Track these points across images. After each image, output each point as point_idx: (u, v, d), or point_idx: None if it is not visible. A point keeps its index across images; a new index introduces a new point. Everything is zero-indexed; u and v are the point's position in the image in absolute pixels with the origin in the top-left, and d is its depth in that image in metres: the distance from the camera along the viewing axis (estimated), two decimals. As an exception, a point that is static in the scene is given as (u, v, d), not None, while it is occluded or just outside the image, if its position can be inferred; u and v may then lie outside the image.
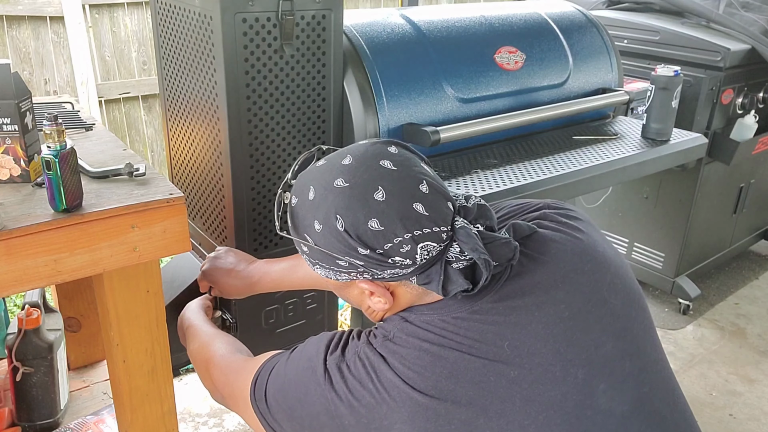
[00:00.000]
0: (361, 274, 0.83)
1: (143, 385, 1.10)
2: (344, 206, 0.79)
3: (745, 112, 2.56)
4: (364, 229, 0.78)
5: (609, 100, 1.90)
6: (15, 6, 3.02)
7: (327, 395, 0.81)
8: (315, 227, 0.81)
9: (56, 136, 0.89)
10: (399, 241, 0.78)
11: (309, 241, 0.83)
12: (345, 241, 0.79)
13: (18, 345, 1.35)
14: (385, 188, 0.79)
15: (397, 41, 1.54)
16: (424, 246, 0.78)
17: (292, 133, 1.32)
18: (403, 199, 0.78)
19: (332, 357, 0.84)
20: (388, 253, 0.78)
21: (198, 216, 1.48)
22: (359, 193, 0.79)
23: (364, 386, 0.79)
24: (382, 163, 0.81)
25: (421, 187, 0.80)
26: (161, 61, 1.46)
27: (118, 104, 3.45)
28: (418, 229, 0.78)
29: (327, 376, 0.82)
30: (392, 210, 0.78)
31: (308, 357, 0.86)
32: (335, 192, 0.80)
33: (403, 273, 0.81)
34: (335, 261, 0.82)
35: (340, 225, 0.79)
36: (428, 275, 0.81)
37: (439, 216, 0.79)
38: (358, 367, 0.81)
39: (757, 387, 2.38)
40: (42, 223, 0.88)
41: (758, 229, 3.15)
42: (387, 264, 0.79)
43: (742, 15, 2.52)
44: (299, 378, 0.86)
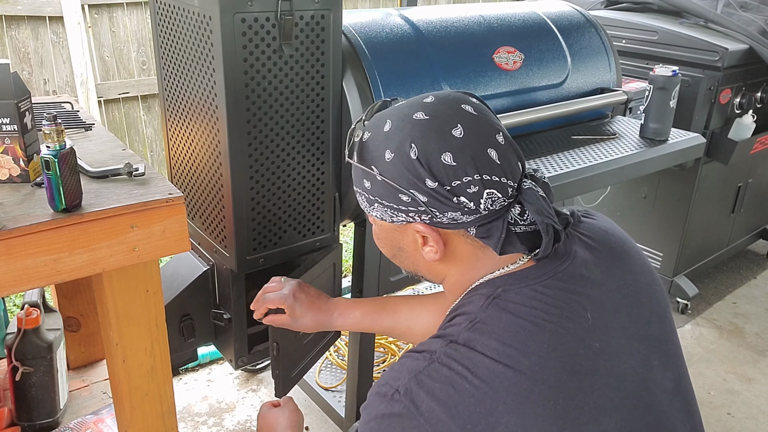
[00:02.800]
0: (420, 215, 0.81)
1: (143, 384, 1.10)
2: (420, 135, 0.79)
3: (743, 112, 2.57)
4: (437, 160, 0.77)
5: (607, 100, 1.90)
6: (14, 6, 3.02)
7: (418, 420, 0.72)
8: (386, 156, 0.80)
9: (55, 136, 0.89)
10: (468, 181, 0.77)
11: (374, 171, 0.82)
12: (415, 170, 0.78)
13: (17, 345, 1.35)
14: (464, 126, 0.79)
15: (396, 41, 1.55)
16: (490, 193, 0.78)
17: (291, 133, 1.32)
18: (479, 141, 0.79)
19: (401, 382, 0.75)
20: (455, 191, 0.77)
21: (197, 216, 1.48)
22: (438, 126, 0.79)
23: (457, 388, 0.72)
24: (464, 106, 0.82)
25: (498, 137, 0.81)
26: (160, 61, 1.46)
27: (118, 104, 3.45)
28: (489, 174, 0.78)
29: (407, 401, 0.73)
30: (468, 148, 0.78)
31: (375, 410, 0.77)
32: (414, 122, 0.80)
33: (463, 220, 0.80)
34: (397, 195, 0.80)
35: (414, 153, 0.78)
36: (489, 229, 0.80)
37: (509, 169, 0.79)
38: (443, 372, 0.73)
39: (755, 386, 2.38)
40: (41, 223, 0.88)
41: (756, 228, 3.16)
42: (451, 204, 0.78)
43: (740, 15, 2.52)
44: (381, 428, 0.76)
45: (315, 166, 1.38)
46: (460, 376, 0.72)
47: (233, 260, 1.33)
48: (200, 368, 2.35)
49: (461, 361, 0.73)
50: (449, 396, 0.72)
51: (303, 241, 1.42)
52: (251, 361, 1.48)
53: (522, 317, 0.76)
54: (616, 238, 0.90)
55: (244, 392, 2.24)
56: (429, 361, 0.75)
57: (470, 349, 0.74)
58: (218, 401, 2.19)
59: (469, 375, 0.72)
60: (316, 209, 1.42)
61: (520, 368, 0.72)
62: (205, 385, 2.27)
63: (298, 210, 1.39)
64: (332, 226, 1.46)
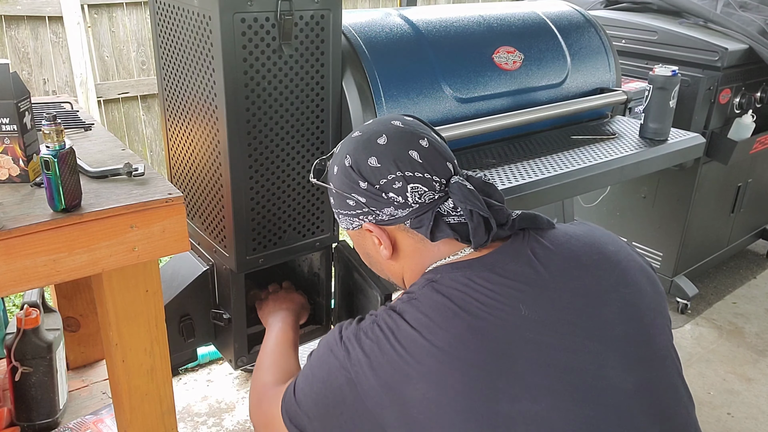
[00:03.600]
0: (366, 216, 0.96)
1: (142, 384, 1.10)
2: (353, 149, 0.97)
3: (743, 112, 2.57)
4: (365, 164, 0.94)
5: (607, 100, 1.90)
6: (14, 6, 3.02)
7: (346, 365, 0.85)
8: (334, 172, 1.00)
9: (55, 136, 0.89)
10: (392, 178, 0.92)
11: (331, 186, 1.01)
12: (350, 176, 0.95)
13: (17, 345, 1.35)
14: (388, 136, 0.95)
15: (396, 41, 1.55)
16: (414, 187, 0.91)
17: (290, 132, 1.32)
18: (400, 145, 0.94)
19: (347, 331, 0.90)
20: (383, 188, 0.93)
21: (197, 216, 1.48)
22: (366, 139, 0.96)
23: (381, 348, 0.83)
24: (393, 122, 0.98)
25: (421, 142, 0.95)
26: (160, 61, 1.46)
27: (117, 104, 3.45)
28: (410, 171, 0.92)
29: (344, 347, 0.87)
30: (389, 152, 0.93)
31: (326, 342, 0.93)
32: (352, 140, 0.99)
33: (398, 215, 0.93)
34: (346, 201, 0.97)
35: (347, 162, 0.96)
36: (420, 220, 0.92)
37: (431, 167, 0.92)
38: (375, 332, 0.86)
39: (754, 386, 2.38)
40: (41, 223, 0.88)
41: (756, 228, 3.16)
42: (383, 200, 0.93)
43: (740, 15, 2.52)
44: (320, 362, 0.91)
45: (315, 166, 1.38)
46: (386, 338, 0.84)
47: (233, 260, 1.33)
48: (200, 368, 2.35)
49: (390, 326, 0.85)
50: (374, 353, 0.84)
51: (303, 241, 1.42)
52: (251, 361, 1.47)
53: (450, 300, 0.84)
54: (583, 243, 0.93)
55: (243, 392, 2.24)
56: (371, 321, 0.88)
57: (401, 318, 0.85)
58: (218, 401, 2.19)
59: (392, 339, 0.83)
60: (315, 209, 1.42)
61: (438, 343, 0.80)
62: (205, 385, 2.27)
63: (297, 210, 1.39)
64: (332, 226, 1.46)
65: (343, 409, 0.85)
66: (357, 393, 0.83)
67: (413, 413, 0.79)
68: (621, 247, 0.96)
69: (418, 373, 0.79)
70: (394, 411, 0.80)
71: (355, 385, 0.84)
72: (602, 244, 0.94)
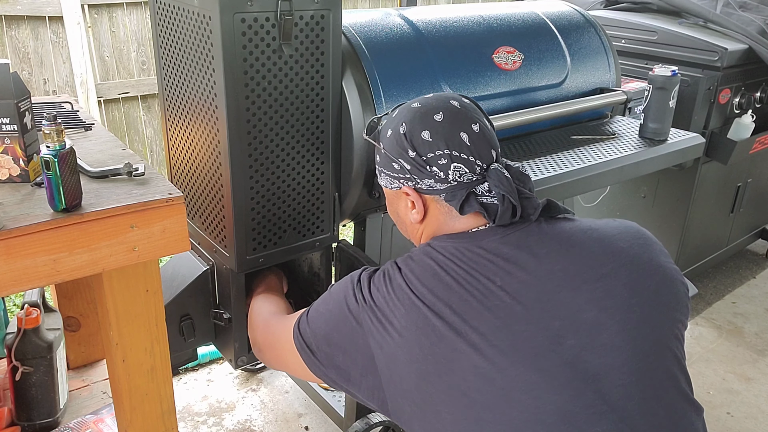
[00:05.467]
0: (407, 181, 1.04)
1: (143, 384, 1.10)
2: (410, 118, 1.04)
3: (743, 112, 2.57)
4: (418, 135, 1.01)
5: (607, 100, 1.91)
6: (14, 6, 3.02)
7: (356, 297, 1.00)
8: (387, 134, 1.07)
9: (55, 135, 0.89)
10: (439, 154, 1.00)
11: (380, 146, 1.09)
12: (402, 143, 1.03)
13: (17, 344, 1.35)
14: (444, 114, 1.02)
15: (396, 41, 1.55)
16: (457, 167, 0.99)
17: (290, 132, 1.32)
18: (454, 126, 1.01)
19: (366, 272, 1.04)
20: (429, 161, 1.00)
21: (197, 215, 1.48)
22: (424, 112, 1.03)
23: (379, 290, 0.98)
24: (451, 101, 1.04)
25: (473, 126, 1.01)
26: (160, 61, 1.46)
27: (117, 104, 3.45)
28: (456, 151, 0.99)
29: (359, 284, 1.02)
30: (442, 129, 1.00)
31: (343, 281, 1.06)
32: (410, 109, 1.06)
33: (436, 187, 1.01)
34: (392, 164, 1.05)
35: (402, 129, 1.04)
36: (454, 194, 1.00)
37: (476, 151, 1.00)
38: (380, 278, 1.00)
39: (754, 385, 2.38)
40: (41, 223, 0.88)
41: (755, 228, 3.16)
42: (426, 171, 1.01)
43: (740, 15, 2.52)
44: (336, 294, 1.04)
45: (315, 166, 1.38)
46: (384, 284, 0.99)
47: (233, 260, 1.34)
48: (200, 368, 2.35)
49: (388, 275, 1.00)
50: (374, 295, 0.98)
51: (303, 241, 1.42)
52: (251, 361, 1.48)
53: (435, 262, 0.96)
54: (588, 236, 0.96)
55: (243, 392, 2.25)
56: (381, 271, 1.02)
57: (398, 270, 0.99)
58: (218, 401, 2.19)
59: (389, 284, 0.98)
60: (315, 209, 1.42)
61: (418, 294, 0.93)
62: (205, 384, 2.27)
63: (297, 210, 1.39)
64: (332, 225, 1.46)
65: (345, 332, 0.99)
66: (359, 328, 0.97)
67: (390, 345, 0.93)
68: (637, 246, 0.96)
69: (399, 310, 0.94)
70: (379, 338, 0.95)
71: (357, 319, 0.98)
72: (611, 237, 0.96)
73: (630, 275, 0.92)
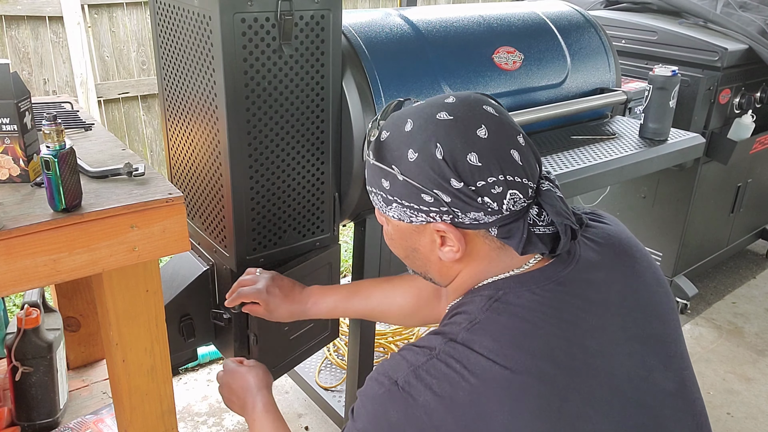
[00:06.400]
0: (442, 215, 0.81)
1: (142, 384, 1.10)
2: (445, 135, 0.79)
3: (743, 112, 2.57)
4: (463, 160, 0.78)
5: (607, 100, 1.90)
6: (14, 6, 3.02)
7: (415, 412, 0.75)
8: (408, 156, 0.80)
9: (55, 135, 0.89)
10: (493, 181, 0.78)
11: (395, 171, 0.81)
12: (440, 170, 0.78)
13: (17, 344, 1.35)
14: (488, 127, 0.80)
15: (396, 41, 1.55)
16: (513, 194, 0.79)
17: (290, 132, 1.32)
18: (503, 142, 0.79)
19: (402, 374, 0.77)
20: (480, 191, 0.78)
21: (197, 216, 1.48)
22: (463, 126, 0.79)
23: (454, 385, 0.74)
24: (485, 107, 0.82)
25: (518, 138, 0.82)
26: (160, 61, 1.46)
27: (117, 104, 3.45)
28: (512, 175, 0.78)
29: (405, 393, 0.76)
30: (492, 149, 0.78)
31: (372, 395, 0.80)
32: (437, 123, 0.80)
33: (485, 220, 0.80)
34: (419, 195, 0.80)
35: (439, 153, 0.78)
36: (510, 230, 0.80)
37: (530, 171, 0.80)
38: (440, 369, 0.76)
39: (754, 386, 2.38)
40: (41, 223, 0.88)
41: (755, 228, 3.16)
42: (475, 204, 0.78)
43: (740, 15, 2.52)
44: (376, 415, 0.79)
45: (315, 166, 1.38)
46: (457, 373, 0.74)
47: (233, 260, 1.33)
48: (200, 368, 2.35)
49: (459, 359, 0.75)
50: (446, 391, 0.74)
51: (303, 241, 1.42)
52: (251, 361, 1.47)
53: (520, 319, 0.78)
54: (621, 241, 0.91)
55: (243, 392, 2.24)
56: (428, 357, 0.77)
57: (468, 349, 0.76)
58: (218, 401, 2.19)
59: (466, 373, 0.74)
60: (315, 209, 1.42)
61: (515, 368, 0.74)
62: (205, 384, 2.27)
63: (297, 210, 1.39)
64: (332, 226, 1.46)
65: None
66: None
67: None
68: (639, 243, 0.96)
69: (499, 402, 0.73)
70: None
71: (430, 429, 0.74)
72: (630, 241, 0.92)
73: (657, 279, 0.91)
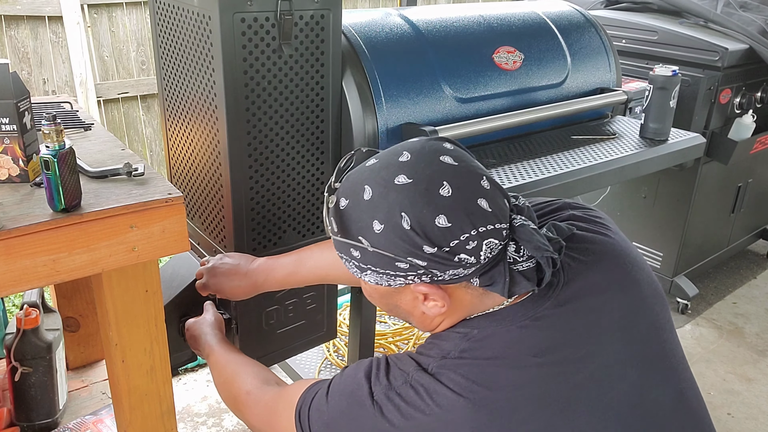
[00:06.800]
0: (420, 277, 0.79)
1: (142, 384, 1.10)
2: (409, 203, 0.76)
3: (743, 112, 2.57)
4: (431, 225, 0.75)
5: (607, 100, 1.90)
6: (13, 6, 3.01)
7: (380, 426, 0.79)
8: (374, 228, 0.77)
9: (55, 135, 0.89)
10: (466, 238, 0.75)
11: (363, 244, 0.78)
12: (410, 239, 0.76)
13: (17, 345, 1.35)
14: (450, 183, 0.76)
15: (396, 41, 1.54)
16: (488, 243, 0.76)
17: (290, 132, 1.32)
18: (468, 194, 0.77)
19: (379, 387, 0.81)
20: (455, 250, 0.76)
21: (197, 216, 1.48)
22: (424, 189, 0.76)
23: (420, 410, 0.77)
24: (442, 158, 0.78)
25: (483, 183, 0.78)
26: (160, 61, 1.46)
27: (117, 104, 3.45)
28: (484, 225, 0.76)
29: (377, 406, 0.80)
30: (459, 206, 0.76)
31: (350, 391, 0.84)
32: (397, 189, 0.77)
33: (464, 273, 0.78)
34: (393, 264, 0.78)
35: (406, 223, 0.75)
36: (491, 276, 0.78)
37: (500, 213, 0.78)
38: (410, 394, 0.78)
39: (755, 386, 2.38)
40: (41, 223, 0.88)
41: (756, 228, 3.16)
42: (451, 263, 0.77)
43: (740, 15, 2.52)
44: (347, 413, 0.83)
45: (315, 166, 1.38)
46: (423, 401, 0.77)
47: (233, 260, 1.33)
48: (199, 368, 2.35)
49: (427, 389, 0.78)
50: (414, 417, 0.77)
51: (303, 241, 1.42)
52: (251, 362, 1.47)
53: (491, 358, 0.78)
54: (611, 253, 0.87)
55: (243, 392, 2.24)
56: (403, 380, 0.80)
57: (435, 380, 0.78)
58: (218, 401, 2.19)
59: (431, 402, 0.77)
60: (315, 209, 1.42)
61: (481, 402, 0.75)
62: (205, 385, 2.27)
63: (297, 210, 1.39)
64: (332, 226, 1.46)
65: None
66: None
67: None
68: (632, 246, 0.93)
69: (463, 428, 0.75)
70: None
71: None
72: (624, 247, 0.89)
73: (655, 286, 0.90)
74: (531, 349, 0.78)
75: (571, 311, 0.81)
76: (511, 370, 0.77)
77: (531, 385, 0.76)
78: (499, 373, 0.76)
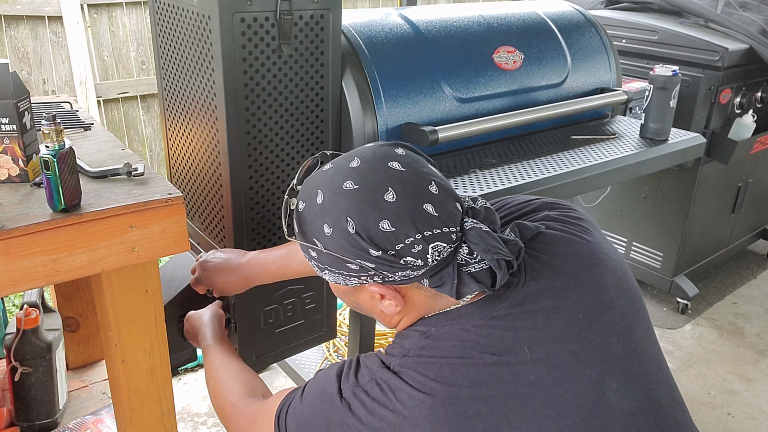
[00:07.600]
0: (372, 278, 0.83)
1: (142, 384, 1.10)
2: (355, 208, 0.79)
3: (743, 112, 2.57)
4: (376, 230, 0.78)
5: (607, 100, 1.90)
6: (13, 5, 3.02)
7: (348, 421, 0.82)
8: (325, 231, 0.81)
9: (54, 135, 0.89)
10: (410, 242, 0.78)
11: (318, 246, 0.83)
12: (356, 243, 0.79)
13: (17, 345, 1.35)
14: (395, 189, 0.79)
15: (396, 41, 1.54)
16: (435, 246, 0.79)
17: (290, 132, 1.32)
18: (413, 199, 0.79)
19: (347, 385, 0.84)
20: (400, 253, 0.78)
21: (196, 216, 1.48)
22: (370, 195, 0.79)
23: (384, 406, 0.80)
24: (390, 164, 0.81)
25: (431, 188, 0.80)
26: (160, 61, 1.46)
27: (117, 104, 3.45)
28: (429, 229, 0.78)
29: (345, 403, 0.83)
30: (403, 211, 0.78)
31: (321, 390, 0.87)
32: (345, 195, 0.80)
33: (414, 275, 0.81)
34: (345, 265, 0.82)
35: (351, 227, 0.79)
36: (441, 278, 0.81)
37: (448, 217, 0.80)
38: (375, 391, 0.82)
39: (755, 386, 2.38)
40: (40, 223, 0.88)
41: (756, 228, 3.16)
42: (398, 265, 0.80)
43: (741, 15, 2.52)
44: (318, 411, 0.86)
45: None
46: (387, 398, 0.81)
47: (233, 260, 1.33)
48: (200, 368, 2.34)
49: (390, 386, 0.81)
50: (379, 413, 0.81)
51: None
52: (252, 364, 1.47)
53: (447, 356, 0.80)
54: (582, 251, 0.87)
55: (243, 392, 2.24)
56: (369, 378, 0.83)
57: (397, 377, 0.81)
58: (218, 401, 2.19)
59: (394, 399, 0.80)
60: (315, 209, 1.42)
61: (440, 399, 0.78)
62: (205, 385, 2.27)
63: (297, 210, 1.39)
64: (332, 226, 1.46)
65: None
66: None
67: None
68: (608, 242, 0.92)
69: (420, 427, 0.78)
70: None
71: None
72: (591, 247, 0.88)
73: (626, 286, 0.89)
74: (487, 347, 0.80)
75: (528, 311, 0.82)
76: (468, 368, 0.79)
77: (486, 382, 0.78)
78: (456, 371, 0.79)
